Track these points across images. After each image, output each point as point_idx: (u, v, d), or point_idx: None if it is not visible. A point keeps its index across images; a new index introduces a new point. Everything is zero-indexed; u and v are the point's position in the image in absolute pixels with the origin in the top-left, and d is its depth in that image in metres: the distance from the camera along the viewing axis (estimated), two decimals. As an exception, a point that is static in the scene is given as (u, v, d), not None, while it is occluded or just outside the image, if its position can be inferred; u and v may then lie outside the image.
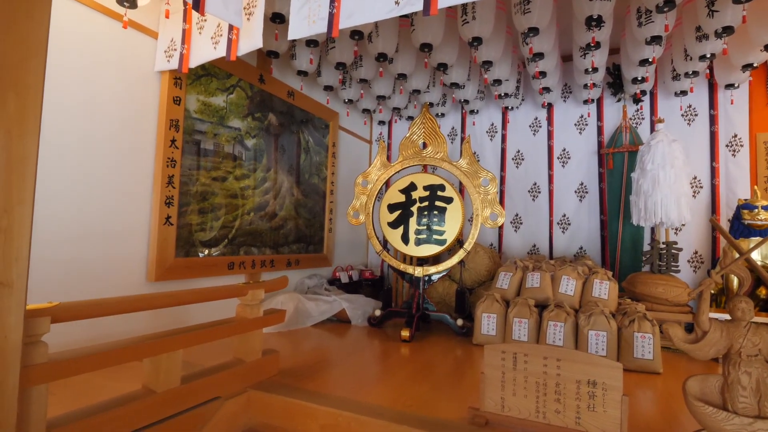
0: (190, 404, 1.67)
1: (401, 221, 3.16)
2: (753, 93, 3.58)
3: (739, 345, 1.38)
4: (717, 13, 2.54)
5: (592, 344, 2.47)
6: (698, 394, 1.44)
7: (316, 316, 3.23)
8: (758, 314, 2.91)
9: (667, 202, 3.01)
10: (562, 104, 4.13)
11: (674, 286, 2.99)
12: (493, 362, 1.67)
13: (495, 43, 2.99)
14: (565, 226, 4.07)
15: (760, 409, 1.33)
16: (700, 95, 3.70)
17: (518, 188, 4.25)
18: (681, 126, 3.76)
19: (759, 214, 2.88)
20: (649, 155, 3.13)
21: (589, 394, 1.53)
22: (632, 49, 3.09)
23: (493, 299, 2.87)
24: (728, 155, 3.62)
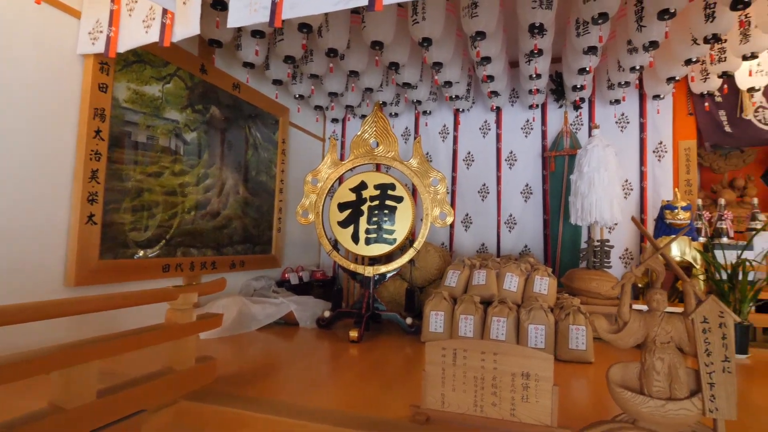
0: (108, 420, 1.53)
1: (351, 220, 3.15)
2: (676, 104, 3.89)
3: (654, 333, 1.49)
4: (645, 28, 2.74)
5: (531, 337, 2.58)
6: (620, 380, 1.54)
7: (262, 320, 3.16)
8: (678, 305, 3.15)
9: (601, 203, 3.20)
10: (510, 108, 4.29)
11: (607, 281, 3.19)
12: (434, 359, 1.71)
13: (445, 45, 3.05)
14: (511, 226, 4.23)
15: (671, 391, 1.44)
16: (632, 104, 3.97)
17: (469, 189, 4.36)
18: (615, 132, 4.01)
19: (678, 214, 3.13)
20: (585, 159, 3.31)
21: (523, 386, 1.60)
22: (572, 58, 3.26)
23: (441, 297, 2.93)
24: (655, 160, 3.90)
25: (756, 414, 1.87)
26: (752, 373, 2.48)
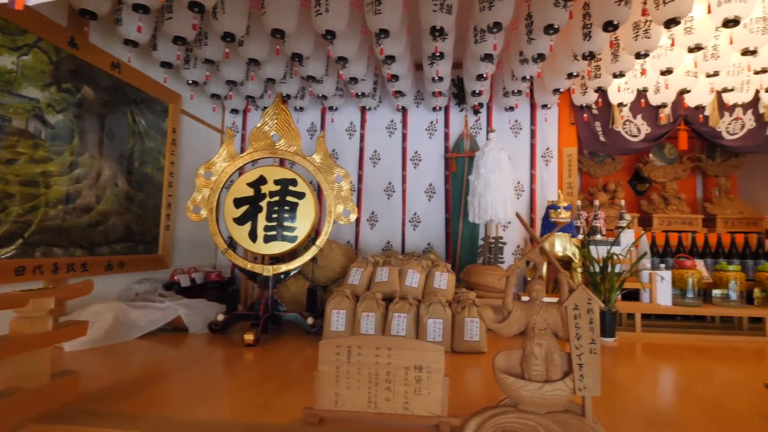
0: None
1: (249, 217, 2.97)
2: (561, 114, 4.29)
3: (533, 321, 1.58)
4: (533, 41, 2.95)
5: (430, 331, 2.64)
6: (504, 367, 1.61)
7: (144, 327, 2.83)
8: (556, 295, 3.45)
9: (495, 202, 3.39)
10: (416, 109, 4.40)
11: (499, 275, 3.39)
12: (328, 358, 1.64)
13: (350, 40, 3.01)
14: (416, 224, 4.32)
15: (548, 374, 1.54)
16: (524, 112, 4.30)
17: (375, 187, 4.37)
18: (510, 137, 4.30)
19: (561, 213, 3.44)
20: (482, 160, 3.50)
21: (416, 379, 1.60)
22: (471, 64, 3.42)
23: (343, 295, 2.88)
24: (543, 164, 4.26)
25: (620, 388, 2.09)
26: (618, 353, 2.79)
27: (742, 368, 2.50)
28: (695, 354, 2.79)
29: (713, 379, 2.31)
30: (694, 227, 4.35)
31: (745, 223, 4.33)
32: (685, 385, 2.20)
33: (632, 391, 2.06)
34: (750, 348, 3.02)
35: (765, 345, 3.11)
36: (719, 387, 2.17)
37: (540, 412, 1.52)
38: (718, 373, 2.41)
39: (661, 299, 3.30)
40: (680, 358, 2.70)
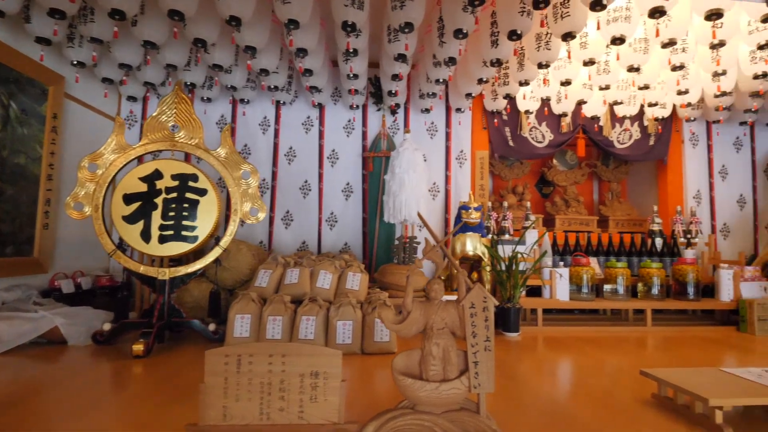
0: None
1: (141, 215, 2.68)
2: (474, 118, 4.45)
3: (432, 321, 1.58)
4: (445, 44, 3.01)
5: (339, 333, 2.57)
6: (403, 368, 1.58)
7: (11, 340, 2.44)
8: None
9: (409, 202, 3.42)
10: (333, 106, 4.31)
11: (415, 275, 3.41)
12: (216, 369, 1.50)
13: (258, 29, 2.85)
14: (332, 223, 4.23)
15: (445, 373, 1.54)
16: (440, 115, 4.40)
17: (290, 185, 4.22)
18: (426, 139, 4.38)
19: (471, 214, 3.56)
20: (397, 160, 3.50)
21: (312, 386, 1.51)
22: (386, 64, 3.41)
23: (248, 299, 2.71)
24: (457, 166, 4.40)
25: (519, 381, 2.17)
26: (521, 347, 2.93)
27: (625, 356, 2.73)
28: (588, 344, 3.01)
29: (601, 367, 2.50)
30: (591, 228, 4.74)
31: (633, 224, 4.80)
32: (577, 375, 2.35)
33: (530, 383, 2.15)
34: (634, 337, 3.34)
35: (646, 334, 3.45)
36: (605, 375, 2.34)
37: (436, 412, 1.51)
38: (605, 361, 2.62)
39: (560, 295, 3.53)
40: (575, 349, 2.89)
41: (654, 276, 3.66)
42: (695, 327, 3.63)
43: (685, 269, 3.68)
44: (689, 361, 2.64)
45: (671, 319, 3.85)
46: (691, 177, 4.66)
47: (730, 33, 2.81)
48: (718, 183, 4.70)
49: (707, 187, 4.69)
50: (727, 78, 3.52)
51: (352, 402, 1.88)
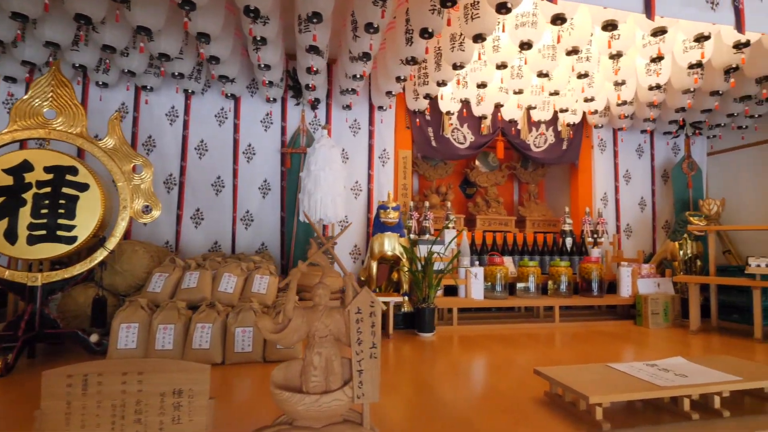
0: None
1: (5, 212, 2.33)
2: (398, 117, 4.42)
3: (315, 328, 1.47)
4: (359, 39, 2.92)
5: (238, 341, 2.39)
6: (282, 381, 1.46)
7: None
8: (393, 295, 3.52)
9: (325, 201, 3.29)
10: (250, 99, 4.07)
11: (329, 276, 3.30)
12: (56, 391, 1.29)
13: (152, 7, 2.58)
14: (248, 223, 4.01)
15: (327, 384, 1.44)
16: (363, 112, 4.32)
17: (201, 181, 3.93)
18: (349, 136, 4.28)
19: (389, 213, 3.50)
20: (313, 157, 3.37)
21: (174, 406, 1.35)
22: (300, 55, 3.26)
23: (136, 306, 2.45)
24: (380, 165, 4.34)
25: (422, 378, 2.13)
26: (432, 347, 2.92)
27: (530, 353, 2.80)
28: (497, 342, 3.07)
29: (504, 366, 2.53)
30: (509, 228, 4.90)
31: (548, 224, 5.02)
32: (479, 375, 2.36)
33: (430, 384, 2.11)
34: (543, 333, 3.46)
35: (554, 330, 3.59)
36: (506, 373, 2.37)
37: (316, 426, 1.41)
38: (509, 359, 2.66)
39: (474, 294, 3.58)
40: (483, 347, 2.93)
41: (562, 274, 3.83)
42: (599, 322, 3.85)
43: (590, 267, 3.89)
44: (589, 355, 2.76)
45: (579, 314, 4.06)
46: (599, 180, 4.95)
47: (627, 45, 2.97)
48: (622, 186, 5.04)
49: (613, 190, 5.01)
50: (627, 88, 3.76)
51: (230, 420, 1.73)
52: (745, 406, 1.89)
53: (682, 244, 4.28)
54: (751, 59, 3.21)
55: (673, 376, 1.88)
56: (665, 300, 3.72)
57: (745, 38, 2.78)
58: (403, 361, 2.59)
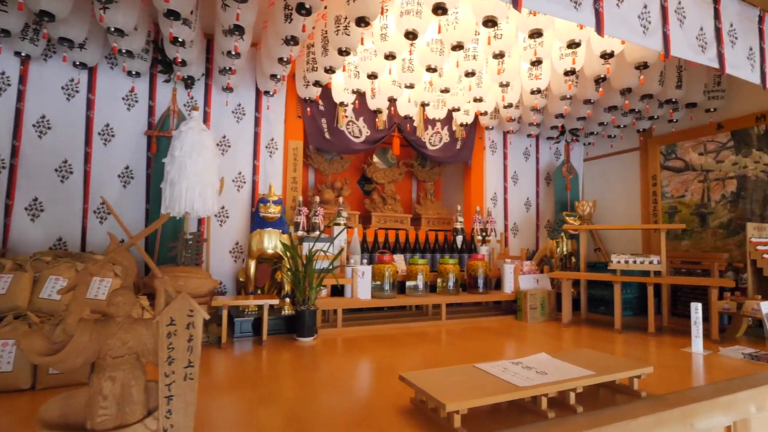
0: None
1: None
2: (288, 105, 4.12)
3: (107, 347, 1.16)
4: (228, 8, 2.59)
5: (56, 361, 1.94)
6: (57, 417, 1.13)
7: None
8: (269, 296, 3.22)
9: (192, 191, 2.90)
10: (108, 71, 3.49)
11: (195, 277, 2.92)
12: None
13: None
14: (104, 216, 3.43)
15: (123, 417, 1.14)
16: (248, 97, 3.95)
17: (41, 165, 3.27)
18: (231, 122, 3.89)
19: (270, 207, 3.21)
20: (178, 141, 2.95)
21: None
22: (162, 23, 2.81)
23: None
24: (267, 156, 4.01)
25: (283, 390, 1.88)
26: (310, 352, 2.68)
27: (412, 353, 2.70)
28: (380, 344, 2.93)
29: (381, 369, 2.39)
30: (405, 225, 4.85)
31: (442, 222, 5.07)
32: (350, 382, 2.18)
33: (293, 396, 1.88)
34: (429, 332, 3.41)
35: (441, 328, 3.56)
36: (380, 379, 2.22)
37: (103, 473, 1.10)
38: (389, 362, 2.53)
39: (361, 293, 3.43)
40: (364, 350, 2.77)
41: (450, 272, 3.84)
42: (484, 318, 3.92)
43: (477, 265, 3.95)
44: (469, 353, 2.73)
45: (466, 311, 4.11)
46: (490, 180, 5.12)
47: (509, 45, 3.01)
48: (511, 187, 5.27)
49: (502, 190, 5.21)
50: (513, 90, 3.88)
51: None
52: (600, 399, 1.93)
53: (558, 242, 4.56)
54: (616, 71, 3.46)
55: (534, 374, 1.86)
56: (542, 295, 3.90)
57: (610, 49, 2.95)
58: (269, 371, 2.32)
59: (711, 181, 4.36)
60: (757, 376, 2.29)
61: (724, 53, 2.40)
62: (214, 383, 2.06)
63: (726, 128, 4.23)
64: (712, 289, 3.17)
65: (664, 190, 4.76)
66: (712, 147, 4.36)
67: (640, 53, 3.08)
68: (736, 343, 3.01)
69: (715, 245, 4.28)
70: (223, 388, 1.99)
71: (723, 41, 2.40)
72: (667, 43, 2.17)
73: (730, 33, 2.47)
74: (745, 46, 2.54)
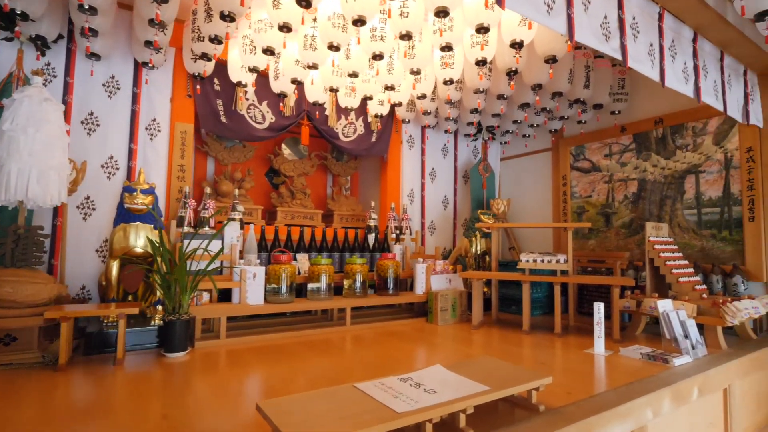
0: None
1: None
2: (176, 82, 3.57)
3: None
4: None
5: None
6: None
7: None
8: (129, 305, 2.71)
9: (24, 176, 2.31)
10: (-76, 22, 2.74)
11: (30, 282, 2.33)
12: None
13: None
14: None
15: None
16: (123, 68, 3.36)
17: None
18: (101, 97, 3.27)
19: (137, 197, 2.69)
20: (9, 112, 2.34)
21: None
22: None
23: None
24: (147, 139, 3.44)
25: (145, 420, 1.44)
26: (181, 370, 2.23)
27: (298, 367, 2.35)
28: (266, 357, 2.54)
29: (252, 393, 2.01)
30: (315, 222, 4.48)
31: (357, 219, 4.77)
32: (208, 411, 1.77)
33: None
34: (332, 338, 3.08)
35: (345, 334, 3.25)
36: (244, 407, 1.84)
37: None
38: (267, 382, 2.15)
39: (251, 298, 3.01)
40: (245, 366, 2.36)
41: (357, 272, 3.54)
42: (394, 321, 3.66)
43: (387, 264, 3.69)
44: (367, 365, 2.43)
45: (376, 314, 3.84)
46: (407, 176, 4.90)
47: (416, 25, 2.75)
48: (428, 184, 5.10)
49: (420, 186, 5.02)
50: (426, 80, 3.66)
51: None
52: (498, 415, 1.71)
53: (473, 240, 4.44)
54: (527, 65, 3.37)
55: (421, 393, 1.59)
56: (453, 296, 3.73)
57: (520, 38, 2.81)
58: (103, 401, 1.84)
59: (615, 182, 4.48)
60: (652, 378, 2.23)
61: (627, 45, 2.32)
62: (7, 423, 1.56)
63: (629, 131, 4.36)
64: (613, 288, 3.16)
65: (574, 190, 4.84)
66: (617, 149, 4.48)
67: (549, 46, 2.98)
68: (636, 342, 3.02)
69: (618, 244, 4.40)
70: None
71: (626, 33, 2.32)
72: (571, 26, 2.02)
73: (632, 26, 2.41)
74: (647, 42, 2.49)
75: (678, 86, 2.72)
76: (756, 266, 3.45)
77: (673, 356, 2.53)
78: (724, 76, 3.08)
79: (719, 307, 2.82)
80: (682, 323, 2.73)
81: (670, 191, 4.04)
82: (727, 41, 2.98)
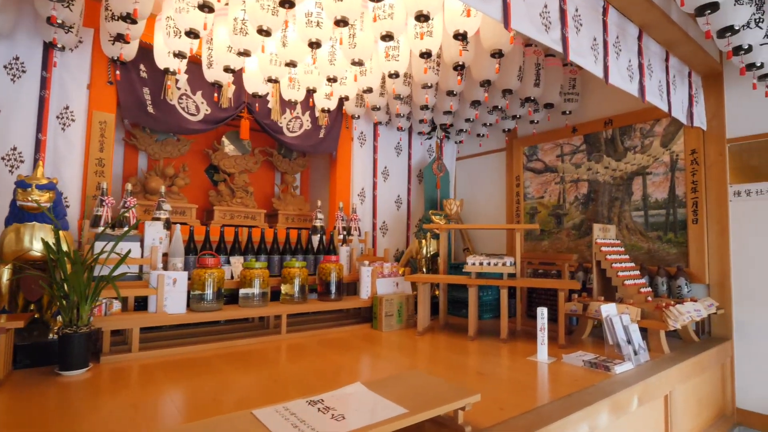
0: None
1: None
2: (95, 66, 3.22)
3: None
4: None
5: None
6: None
7: None
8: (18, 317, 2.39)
9: None
10: None
11: None
12: None
13: None
14: None
15: None
16: (30, 49, 2.99)
17: None
18: (3, 80, 2.90)
19: (32, 194, 2.36)
20: None
21: None
22: None
23: None
24: (58, 129, 3.08)
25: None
26: (76, 393, 1.93)
27: (212, 387, 2.09)
28: (183, 373, 2.27)
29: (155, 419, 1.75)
30: (257, 222, 4.21)
31: (303, 219, 4.53)
32: (82, 445, 1.51)
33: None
34: (263, 349, 2.84)
35: (279, 343, 3.01)
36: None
37: None
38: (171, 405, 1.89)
39: (171, 306, 2.72)
40: (155, 385, 2.09)
41: (296, 276, 3.30)
42: (336, 328, 3.45)
43: (329, 268, 3.47)
44: (292, 382, 2.21)
45: (317, 321, 3.61)
46: (357, 175, 4.70)
47: (353, 11, 2.55)
48: (380, 183, 4.91)
49: (371, 186, 4.83)
50: (371, 73, 3.47)
51: None
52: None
53: (423, 242, 4.29)
54: (475, 60, 3.23)
55: (328, 420, 1.39)
56: (399, 300, 3.55)
57: (463, 29, 2.66)
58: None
59: (566, 182, 4.43)
60: (592, 389, 2.11)
61: (569, 37, 2.20)
62: None
63: (579, 132, 4.32)
64: (560, 291, 3.07)
65: (527, 191, 4.77)
66: (568, 150, 4.44)
67: (495, 39, 2.84)
68: (580, 347, 2.93)
69: (569, 246, 4.35)
70: None
71: (567, 24, 2.20)
72: (507, 12, 1.87)
73: (575, 18, 2.29)
74: (590, 36, 2.39)
75: (622, 84, 2.64)
76: (699, 268, 3.45)
77: (615, 363, 2.44)
78: (669, 76, 3.04)
79: (662, 310, 2.77)
80: (625, 328, 2.65)
81: (619, 193, 4.02)
82: (672, 41, 2.93)
